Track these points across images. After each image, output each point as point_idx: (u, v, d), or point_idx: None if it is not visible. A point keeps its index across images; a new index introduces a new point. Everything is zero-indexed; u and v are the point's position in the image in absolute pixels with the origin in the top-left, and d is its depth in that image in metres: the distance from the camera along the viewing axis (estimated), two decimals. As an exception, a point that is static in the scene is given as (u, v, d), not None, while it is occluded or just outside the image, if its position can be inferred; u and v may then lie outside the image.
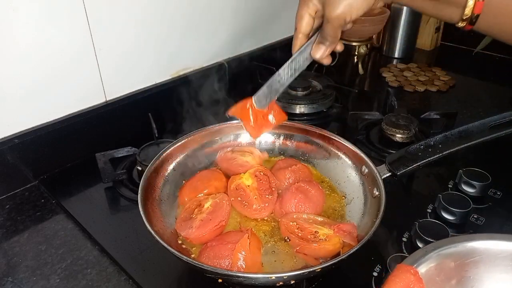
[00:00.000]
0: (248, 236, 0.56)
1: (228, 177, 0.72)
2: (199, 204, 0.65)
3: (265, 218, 0.66)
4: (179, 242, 0.61)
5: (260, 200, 0.67)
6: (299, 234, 0.60)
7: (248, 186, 0.68)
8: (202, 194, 0.68)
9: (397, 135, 0.91)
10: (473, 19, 0.49)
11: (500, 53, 1.37)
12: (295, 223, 0.61)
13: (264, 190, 0.68)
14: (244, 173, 0.70)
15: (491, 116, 0.64)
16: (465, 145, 0.63)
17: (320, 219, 0.63)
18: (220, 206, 0.64)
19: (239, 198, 0.67)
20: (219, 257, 0.55)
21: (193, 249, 0.61)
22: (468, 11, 0.48)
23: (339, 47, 0.62)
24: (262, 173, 0.70)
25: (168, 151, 0.72)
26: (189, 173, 0.74)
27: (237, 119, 0.70)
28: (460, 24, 0.50)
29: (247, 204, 0.66)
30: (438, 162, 0.64)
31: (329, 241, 0.58)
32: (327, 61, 0.62)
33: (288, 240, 0.61)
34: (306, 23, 0.60)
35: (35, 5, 0.72)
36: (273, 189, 0.68)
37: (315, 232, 0.59)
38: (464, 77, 1.27)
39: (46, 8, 0.74)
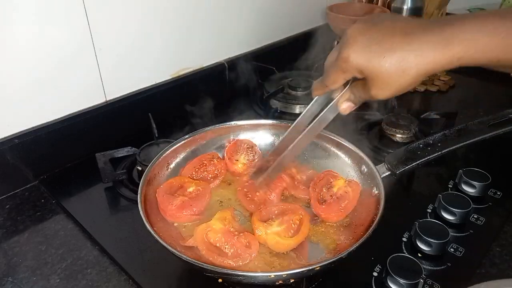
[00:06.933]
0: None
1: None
2: (182, 185, 0.68)
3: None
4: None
5: (261, 197, 0.68)
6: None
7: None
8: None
9: (397, 135, 0.91)
10: None
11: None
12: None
13: (272, 189, 0.69)
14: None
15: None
16: (464, 143, 0.63)
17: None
18: (201, 195, 0.67)
19: (245, 190, 0.70)
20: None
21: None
22: None
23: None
24: None
25: (168, 151, 0.72)
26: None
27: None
28: None
29: (249, 197, 0.68)
30: (438, 162, 0.64)
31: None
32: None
33: None
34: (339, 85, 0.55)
35: (35, 5, 0.73)
36: (280, 188, 0.70)
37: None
38: (464, 77, 1.27)
39: (46, 8, 0.74)
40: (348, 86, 0.54)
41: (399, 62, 0.45)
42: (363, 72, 0.48)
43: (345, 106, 0.55)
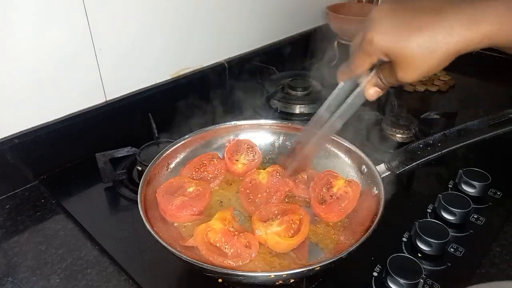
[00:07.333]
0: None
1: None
2: (182, 185, 0.68)
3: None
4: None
5: (262, 199, 0.68)
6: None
7: (261, 183, 0.71)
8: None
9: (397, 135, 0.91)
10: None
11: (500, 53, 1.37)
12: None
13: (273, 191, 0.69)
14: (263, 169, 0.73)
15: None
16: (464, 143, 0.62)
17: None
18: (201, 195, 0.67)
19: (247, 191, 0.70)
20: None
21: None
22: None
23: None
24: (278, 175, 0.72)
25: (168, 151, 0.72)
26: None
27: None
28: None
29: (251, 199, 0.68)
30: (438, 162, 0.64)
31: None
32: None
33: None
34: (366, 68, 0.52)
35: (35, 5, 0.72)
36: (283, 192, 0.70)
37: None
38: (464, 77, 1.27)
39: (46, 8, 0.74)
40: (374, 70, 0.52)
41: (427, 43, 0.43)
42: (388, 54, 0.46)
43: (372, 92, 0.53)
